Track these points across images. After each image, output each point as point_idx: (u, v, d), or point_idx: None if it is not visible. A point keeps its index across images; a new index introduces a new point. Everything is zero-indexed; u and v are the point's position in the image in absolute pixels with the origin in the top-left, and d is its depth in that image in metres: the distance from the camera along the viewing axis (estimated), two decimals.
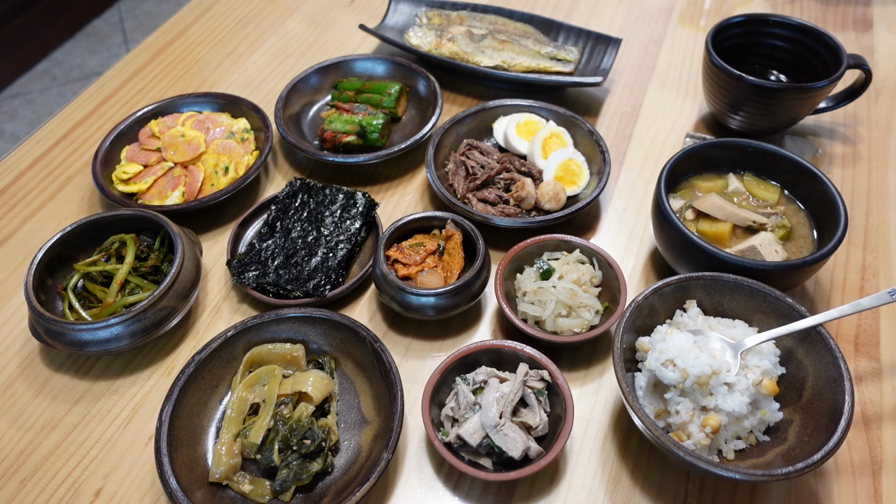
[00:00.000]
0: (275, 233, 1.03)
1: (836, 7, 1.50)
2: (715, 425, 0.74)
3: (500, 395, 0.80)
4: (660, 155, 1.19)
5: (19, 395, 0.92)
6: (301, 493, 0.80)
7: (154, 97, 1.35)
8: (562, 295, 0.89)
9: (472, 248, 0.98)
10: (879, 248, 1.04)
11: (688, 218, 0.98)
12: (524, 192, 1.05)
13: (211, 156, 1.13)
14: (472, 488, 0.81)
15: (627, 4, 1.54)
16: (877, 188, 1.13)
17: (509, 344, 0.85)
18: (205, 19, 1.53)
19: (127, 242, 0.97)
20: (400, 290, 0.91)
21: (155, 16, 3.34)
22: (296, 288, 0.96)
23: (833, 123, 1.23)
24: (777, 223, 0.96)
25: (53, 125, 1.30)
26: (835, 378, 0.76)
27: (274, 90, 1.35)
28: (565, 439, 0.77)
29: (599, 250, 0.94)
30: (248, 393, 0.86)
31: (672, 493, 0.80)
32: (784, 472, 0.68)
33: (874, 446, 0.83)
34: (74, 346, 0.88)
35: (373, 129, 1.16)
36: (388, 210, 1.13)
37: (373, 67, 1.30)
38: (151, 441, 0.86)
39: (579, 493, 0.81)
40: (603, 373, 0.91)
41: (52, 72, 3.08)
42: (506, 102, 1.18)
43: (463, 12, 1.42)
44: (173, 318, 0.92)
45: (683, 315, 0.85)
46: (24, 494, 0.83)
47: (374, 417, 0.85)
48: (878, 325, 0.95)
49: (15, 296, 1.03)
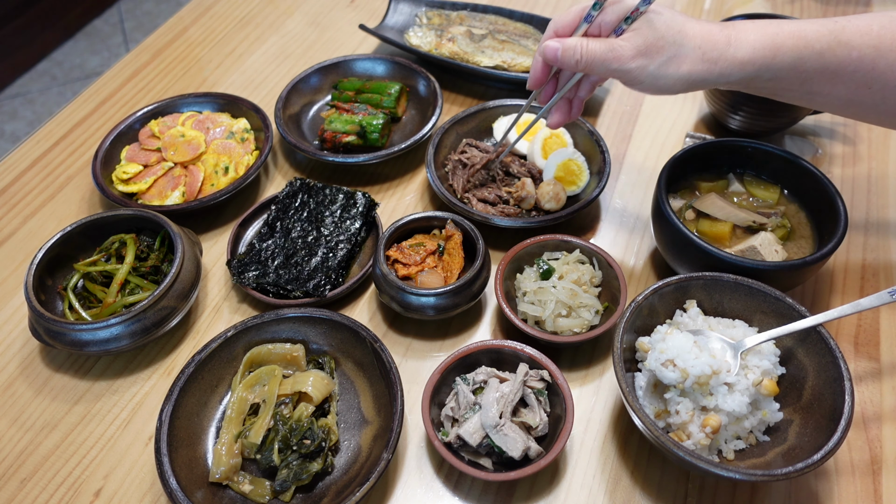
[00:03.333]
0: (275, 233, 1.03)
1: (836, 7, 1.50)
2: (715, 425, 0.74)
3: (500, 395, 0.80)
4: (660, 155, 1.19)
5: (19, 395, 0.92)
6: (301, 493, 0.80)
7: (154, 97, 1.35)
8: (562, 295, 0.89)
9: (472, 248, 0.98)
10: (879, 248, 1.04)
11: (688, 218, 0.98)
12: (524, 192, 1.06)
13: (211, 156, 1.14)
14: (472, 488, 0.81)
15: None
16: (877, 188, 1.13)
17: (509, 344, 0.85)
18: (205, 19, 1.54)
19: (127, 242, 0.97)
20: (400, 290, 0.91)
21: (155, 16, 3.34)
22: (296, 288, 0.96)
23: (833, 123, 1.23)
24: (777, 223, 0.96)
25: (53, 125, 1.30)
26: (835, 378, 0.76)
27: (274, 90, 1.35)
28: (565, 439, 0.77)
29: (599, 250, 0.94)
30: (248, 393, 0.86)
31: (672, 493, 0.80)
32: (784, 472, 0.68)
33: (874, 446, 0.83)
34: (74, 346, 0.88)
35: (373, 129, 1.16)
36: (388, 210, 1.13)
37: (373, 67, 1.30)
38: (151, 441, 0.86)
39: (579, 493, 0.81)
40: (603, 373, 0.91)
41: (52, 72, 3.08)
42: (506, 102, 1.18)
43: (463, 12, 1.42)
44: (173, 318, 0.92)
45: (683, 315, 0.85)
46: (24, 494, 0.83)
47: (374, 417, 0.85)
48: (877, 325, 0.95)
49: (15, 296, 1.03)
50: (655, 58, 0.78)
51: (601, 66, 0.80)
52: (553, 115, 0.94)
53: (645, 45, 0.78)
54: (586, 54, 0.80)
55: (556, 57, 0.82)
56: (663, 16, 0.79)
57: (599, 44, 0.80)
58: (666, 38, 0.78)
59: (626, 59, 0.79)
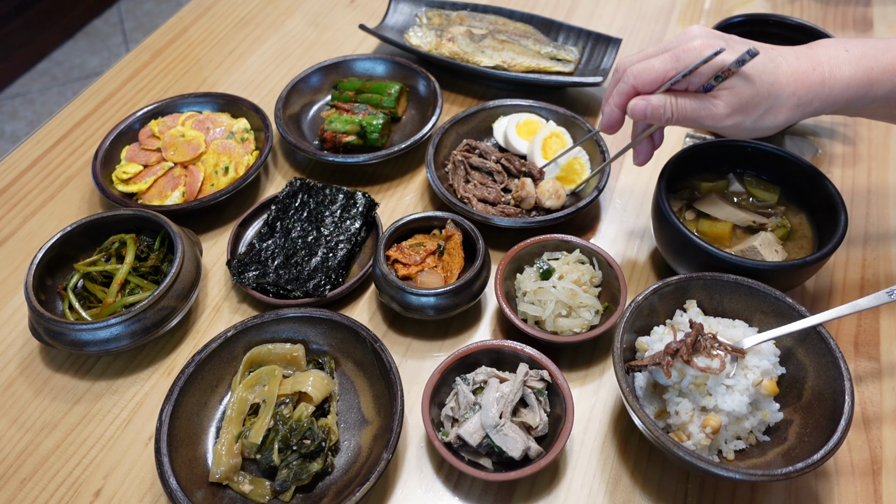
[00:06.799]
0: (275, 233, 1.03)
1: (836, 7, 1.50)
2: (715, 426, 0.74)
3: (500, 395, 0.80)
4: (660, 155, 1.18)
5: (19, 395, 0.92)
6: (301, 493, 0.80)
7: (154, 97, 1.35)
8: (562, 295, 0.89)
9: (472, 248, 0.98)
10: (879, 248, 1.04)
11: (688, 218, 0.98)
12: (524, 191, 1.06)
13: (211, 156, 1.14)
14: (472, 488, 0.81)
15: (627, 4, 1.54)
16: (877, 188, 1.13)
17: (509, 344, 0.85)
18: (205, 19, 1.54)
19: (127, 242, 0.97)
20: (400, 290, 0.91)
21: (155, 16, 3.34)
22: (296, 288, 0.96)
23: (833, 123, 1.23)
24: (777, 223, 0.96)
25: (53, 125, 1.30)
26: (835, 378, 0.76)
27: (274, 90, 1.35)
28: (565, 439, 0.77)
29: (599, 250, 0.94)
30: (248, 393, 0.86)
31: (672, 493, 0.80)
32: (784, 472, 0.68)
33: (874, 446, 0.83)
34: (74, 346, 0.88)
35: (373, 129, 1.16)
36: (388, 210, 1.13)
37: (373, 67, 1.30)
38: (151, 441, 0.86)
39: (579, 493, 0.81)
40: (603, 373, 0.91)
41: (52, 72, 3.08)
42: (506, 102, 1.18)
43: (463, 12, 1.42)
44: (173, 318, 0.92)
45: (683, 315, 0.85)
46: (24, 494, 0.83)
47: (374, 417, 0.85)
48: (877, 325, 0.95)
49: (15, 296, 1.03)
50: (751, 113, 0.78)
51: (693, 122, 0.79)
52: (639, 154, 0.92)
53: (739, 104, 0.77)
54: (678, 112, 0.79)
55: (644, 115, 0.80)
56: (756, 69, 0.77)
57: (691, 101, 0.79)
58: (760, 94, 0.77)
59: (720, 117, 0.78)
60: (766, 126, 0.79)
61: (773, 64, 0.78)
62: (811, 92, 0.78)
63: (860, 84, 0.78)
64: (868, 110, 0.83)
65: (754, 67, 0.77)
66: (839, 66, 0.78)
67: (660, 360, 0.76)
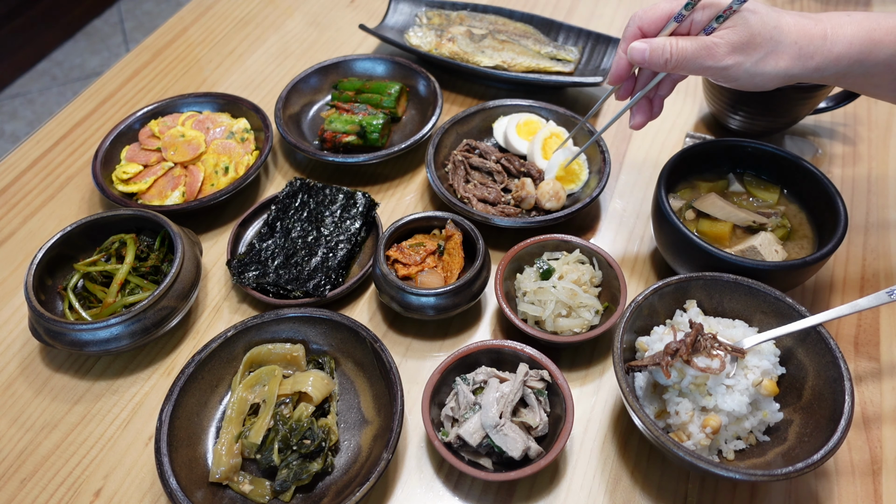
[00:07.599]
0: (275, 233, 1.03)
1: (836, 7, 1.50)
2: (715, 426, 0.74)
3: (500, 395, 0.80)
4: (660, 155, 1.19)
5: (19, 395, 0.92)
6: (301, 493, 0.80)
7: (154, 97, 1.35)
8: (562, 295, 0.89)
9: (472, 248, 0.98)
10: (879, 248, 1.04)
11: (688, 218, 0.98)
12: (524, 191, 1.06)
13: (211, 156, 1.14)
14: (472, 488, 0.81)
15: (627, 4, 1.54)
16: (877, 188, 1.13)
17: (509, 344, 0.85)
18: (205, 19, 1.54)
19: (127, 242, 0.97)
20: (400, 290, 0.91)
21: (155, 16, 3.34)
22: (296, 288, 0.96)
23: (833, 123, 1.23)
24: (777, 223, 0.96)
25: (53, 125, 1.30)
26: (835, 378, 0.76)
27: (274, 90, 1.35)
28: (565, 439, 0.77)
29: (599, 250, 0.94)
30: (248, 393, 0.86)
31: (672, 493, 0.80)
32: (784, 472, 0.68)
33: (874, 446, 0.83)
34: (74, 346, 0.88)
35: (373, 129, 1.16)
36: (388, 210, 1.13)
37: (373, 67, 1.30)
38: (151, 441, 0.87)
39: (579, 493, 0.81)
40: (603, 373, 0.91)
41: (52, 72, 3.08)
42: (506, 102, 1.18)
43: (463, 12, 1.42)
44: (173, 318, 0.92)
45: (683, 315, 0.85)
46: (24, 494, 0.83)
47: (374, 417, 0.85)
48: (877, 325, 0.95)
49: (15, 296, 1.03)
50: (752, 54, 0.77)
51: (693, 65, 0.78)
52: (635, 115, 0.91)
53: (741, 42, 0.76)
54: (677, 53, 0.78)
55: (643, 59, 0.79)
56: (758, 12, 0.77)
57: (691, 42, 0.78)
58: (762, 35, 0.76)
59: (720, 56, 0.77)
60: (767, 72, 0.78)
61: (777, 12, 0.79)
62: (813, 44, 0.77)
63: (862, 43, 0.77)
64: (872, 78, 0.81)
65: (758, 11, 0.77)
66: (842, 25, 0.78)
67: (660, 360, 0.76)
